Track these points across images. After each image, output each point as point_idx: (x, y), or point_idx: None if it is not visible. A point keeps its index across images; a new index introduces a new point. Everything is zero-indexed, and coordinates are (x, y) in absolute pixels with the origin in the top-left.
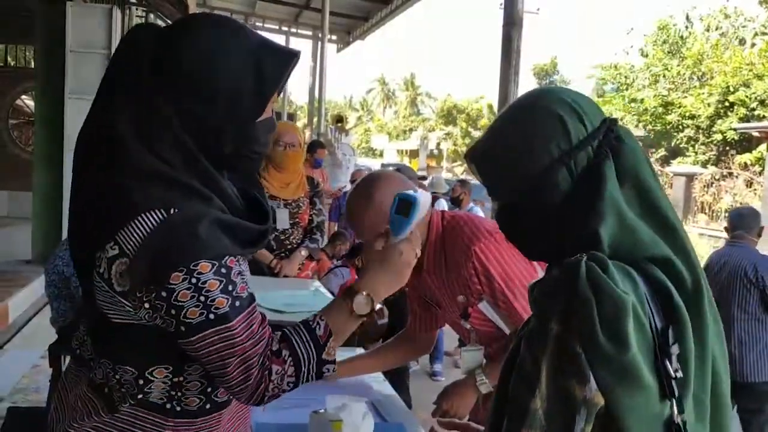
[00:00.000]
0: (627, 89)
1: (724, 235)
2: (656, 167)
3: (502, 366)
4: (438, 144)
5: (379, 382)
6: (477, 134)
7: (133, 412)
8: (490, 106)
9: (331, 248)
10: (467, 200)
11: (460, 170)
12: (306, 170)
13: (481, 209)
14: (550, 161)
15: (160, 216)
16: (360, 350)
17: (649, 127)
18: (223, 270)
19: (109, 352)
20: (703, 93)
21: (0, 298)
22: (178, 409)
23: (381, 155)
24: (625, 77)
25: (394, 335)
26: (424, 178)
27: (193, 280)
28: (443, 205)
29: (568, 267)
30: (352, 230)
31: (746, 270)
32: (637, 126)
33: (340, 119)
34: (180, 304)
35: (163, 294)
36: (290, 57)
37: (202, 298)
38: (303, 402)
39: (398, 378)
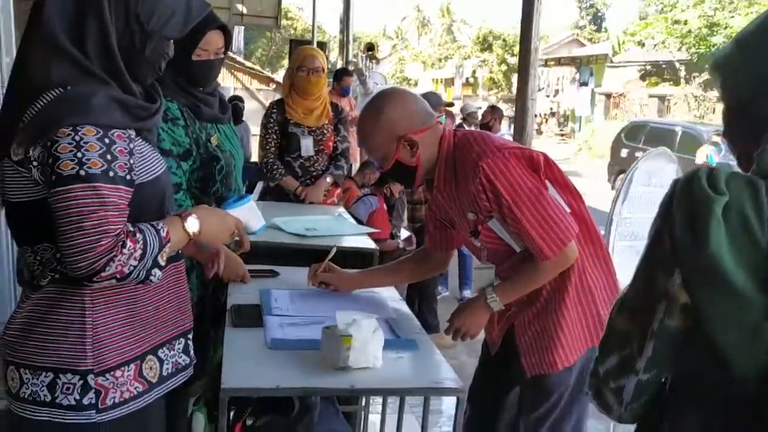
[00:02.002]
0: (671, 10)
1: None
2: (698, 92)
3: None
4: (473, 72)
5: (395, 301)
6: (513, 61)
7: (54, 289)
8: None
9: (360, 177)
10: (497, 127)
11: (495, 99)
12: (333, 98)
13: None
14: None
15: (58, 92)
16: None
17: (693, 50)
18: (107, 140)
19: (27, 238)
20: (752, 12)
21: None
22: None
23: (416, 84)
24: None
25: None
26: (451, 104)
27: (77, 138)
28: None
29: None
30: (361, 146)
31: None
32: (680, 49)
33: (371, 47)
34: (58, 154)
35: (48, 144)
36: (206, 5)
37: (79, 155)
38: (318, 320)
39: (426, 303)
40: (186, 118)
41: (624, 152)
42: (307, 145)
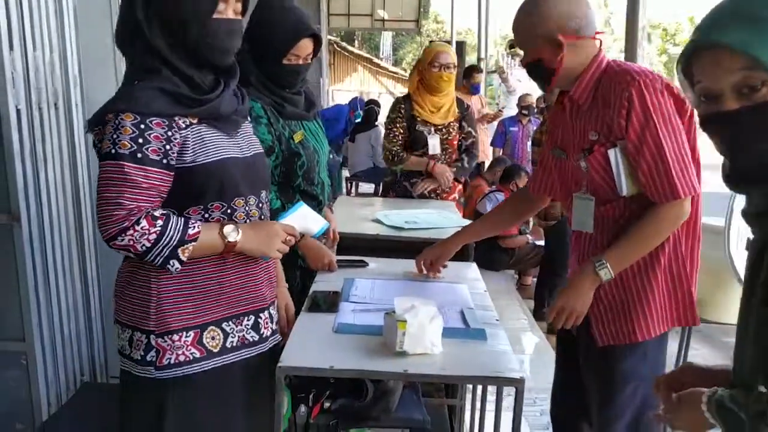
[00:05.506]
0: None
1: None
2: None
3: None
4: None
5: (479, 293)
6: (675, 51)
7: (134, 260)
8: (692, 20)
9: (490, 174)
10: None
11: None
12: (463, 96)
13: None
14: None
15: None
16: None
17: None
18: (143, 126)
19: None
20: None
21: None
22: None
23: None
24: None
25: (550, 264)
26: None
27: (117, 122)
28: None
29: None
30: (516, 39)
31: None
32: None
33: (513, 45)
34: (103, 135)
35: (101, 127)
36: None
37: (115, 136)
38: (384, 308)
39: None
40: (269, 117)
41: None
42: (434, 144)
